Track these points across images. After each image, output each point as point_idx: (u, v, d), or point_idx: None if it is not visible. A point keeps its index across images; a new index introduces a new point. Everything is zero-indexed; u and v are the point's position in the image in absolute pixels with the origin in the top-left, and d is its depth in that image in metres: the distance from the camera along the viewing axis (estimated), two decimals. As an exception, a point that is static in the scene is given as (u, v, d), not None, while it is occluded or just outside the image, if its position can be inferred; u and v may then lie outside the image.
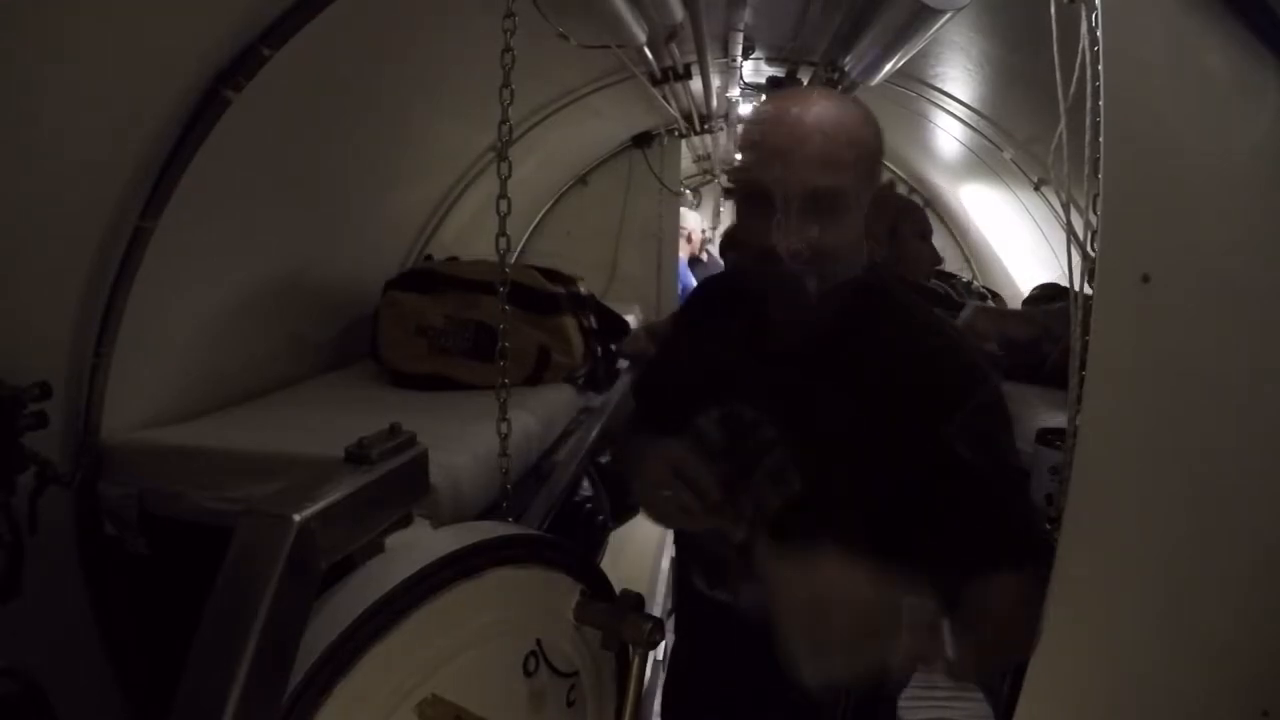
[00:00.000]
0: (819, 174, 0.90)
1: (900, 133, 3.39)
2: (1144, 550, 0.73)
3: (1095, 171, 1.06)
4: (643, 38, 2.05)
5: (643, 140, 3.73)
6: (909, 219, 2.14)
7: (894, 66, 2.17)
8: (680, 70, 2.67)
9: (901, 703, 1.25)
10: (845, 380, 0.96)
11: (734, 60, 2.76)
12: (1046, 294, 2.60)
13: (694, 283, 4.20)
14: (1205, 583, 0.70)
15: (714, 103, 3.21)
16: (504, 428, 1.25)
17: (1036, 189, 2.72)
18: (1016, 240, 3.35)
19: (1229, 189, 1.07)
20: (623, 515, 2.50)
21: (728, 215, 6.72)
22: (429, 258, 2.61)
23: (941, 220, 4.13)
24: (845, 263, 0.97)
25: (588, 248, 3.73)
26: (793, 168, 0.90)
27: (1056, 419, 1.51)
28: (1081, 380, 1.08)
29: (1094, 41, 1.04)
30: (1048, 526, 0.85)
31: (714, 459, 0.97)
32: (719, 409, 1.04)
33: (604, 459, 2.78)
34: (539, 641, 0.98)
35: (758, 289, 1.02)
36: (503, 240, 1.27)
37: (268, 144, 1.58)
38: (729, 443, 1.02)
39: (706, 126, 3.67)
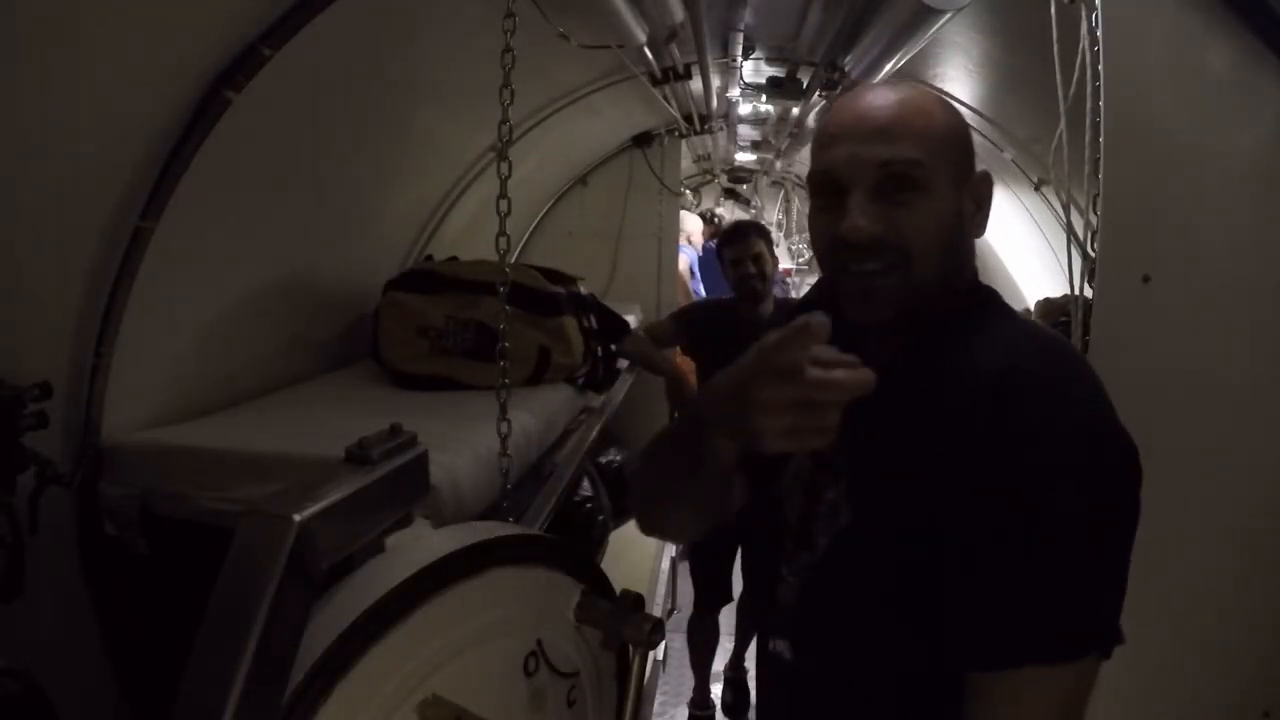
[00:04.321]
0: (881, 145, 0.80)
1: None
2: (1144, 550, 0.72)
3: (1095, 171, 1.06)
4: (643, 38, 2.05)
5: (643, 140, 3.73)
6: None
7: (894, 66, 2.17)
8: (680, 70, 2.67)
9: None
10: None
11: (734, 60, 2.77)
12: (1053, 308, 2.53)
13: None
14: (1205, 583, 0.70)
15: (714, 103, 3.21)
16: (504, 428, 1.26)
17: (1036, 189, 2.72)
18: (1017, 240, 3.35)
19: (1229, 189, 1.08)
20: (623, 515, 2.50)
21: (728, 213, 6.73)
22: (429, 258, 2.61)
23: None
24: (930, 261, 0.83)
25: (588, 248, 3.74)
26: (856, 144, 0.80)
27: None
28: (1081, 380, 1.08)
29: (1094, 41, 1.05)
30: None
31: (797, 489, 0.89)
32: None
33: (604, 459, 2.77)
34: (539, 642, 0.98)
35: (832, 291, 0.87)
36: (503, 240, 1.27)
37: (268, 144, 1.58)
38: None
39: (706, 126, 3.67)
